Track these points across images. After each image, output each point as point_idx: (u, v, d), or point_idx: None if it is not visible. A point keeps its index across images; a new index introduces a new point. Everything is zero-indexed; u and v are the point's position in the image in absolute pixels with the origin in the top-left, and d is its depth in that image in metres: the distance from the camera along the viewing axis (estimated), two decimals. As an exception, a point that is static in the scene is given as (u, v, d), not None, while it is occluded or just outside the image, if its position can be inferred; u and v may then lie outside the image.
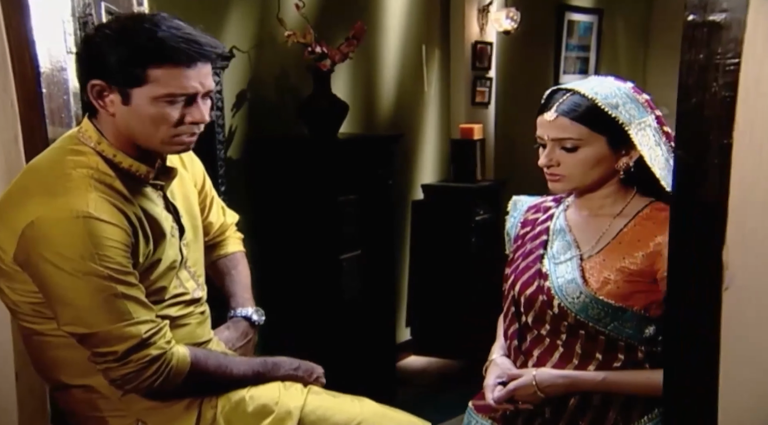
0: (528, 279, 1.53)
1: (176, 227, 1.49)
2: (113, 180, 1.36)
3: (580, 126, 1.42)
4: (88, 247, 1.28)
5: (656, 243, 1.41)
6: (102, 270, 1.28)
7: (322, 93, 3.01)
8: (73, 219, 1.27)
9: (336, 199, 2.97)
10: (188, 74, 1.31)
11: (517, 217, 1.72)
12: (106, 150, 1.37)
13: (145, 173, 1.42)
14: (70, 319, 1.31)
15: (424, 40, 3.85)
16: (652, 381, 1.39)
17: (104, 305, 1.30)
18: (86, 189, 1.31)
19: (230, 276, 1.78)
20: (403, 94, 3.75)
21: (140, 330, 1.32)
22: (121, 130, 1.37)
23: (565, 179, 1.47)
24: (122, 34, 1.31)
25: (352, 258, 3.03)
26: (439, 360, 3.79)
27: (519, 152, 4.54)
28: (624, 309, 1.42)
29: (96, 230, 1.28)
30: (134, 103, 1.32)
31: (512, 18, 4.03)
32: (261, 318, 1.76)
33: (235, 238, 1.85)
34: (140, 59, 1.30)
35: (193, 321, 1.53)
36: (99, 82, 1.32)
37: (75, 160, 1.35)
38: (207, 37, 1.35)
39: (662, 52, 5.75)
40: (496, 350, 1.63)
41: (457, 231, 3.72)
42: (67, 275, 1.28)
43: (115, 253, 1.30)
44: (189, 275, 1.54)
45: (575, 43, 5.01)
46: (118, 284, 1.31)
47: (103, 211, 1.30)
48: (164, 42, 1.29)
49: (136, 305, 1.33)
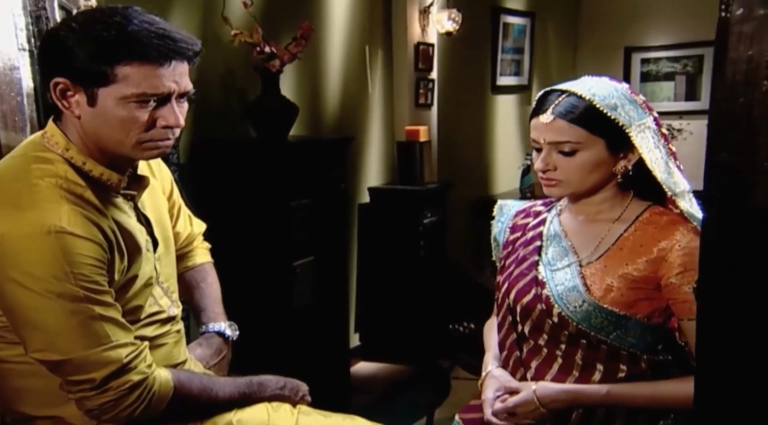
0: (524, 287, 1.48)
1: (150, 240, 1.38)
2: (84, 190, 1.23)
3: (578, 128, 1.37)
4: (61, 265, 1.15)
5: (660, 249, 1.37)
6: (77, 290, 1.16)
7: (272, 94, 2.90)
8: (45, 234, 1.15)
9: (288, 204, 2.86)
10: (161, 73, 1.20)
11: (504, 222, 1.66)
12: (75, 157, 1.25)
13: (117, 182, 1.30)
14: (41, 345, 1.18)
15: (367, 41, 3.79)
16: (658, 394, 1.37)
17: (80, 328, 1.18)
18: (57, 201, 1.19)
19: (199, 290, 1.67)
20: (347, 96, 3.68)
21: (120, 355, 1.21)
22: (88, 134, 1.24)
23: (562, 184, 1.42)
24: (89, 28, 1.19)
25: (305, 265, 2.94)
26: (389, 365, 3.74)
27: (460, 154, 4.55)
28: (628, 317, 1.38)
29: (70, 246, 1.16)
30: (101, 104, 1.20)
31: (454, 19, 4.01)
32: (235, 333, 1.66)
33: (203, 249, 1.74)
34: (107, 55, 1.18)
35: (170, 341, 1.42)
36: (63, 81, 1.20)
37: (41, 168, 1.22)
38: (183, 34, 1.25)
39: (590, 54, 5.89)
40: (490, 362, 1.57)
41: (405, 235, 3.68)
42: (38, 296, 1.15)
43: (91, 271, 1.18)
44: (162, 291, 1.43)
45: (510, 46, 5.06)
46: (95, 305, 1.19)
47: (77, 225, 1.18)
48: (135, 37, 1.18)
49: (114, 327, 1.22)
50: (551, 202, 1.61)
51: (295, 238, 2.90)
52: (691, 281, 1.32)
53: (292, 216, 2.87)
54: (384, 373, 3.66)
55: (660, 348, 1.44)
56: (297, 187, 2.90)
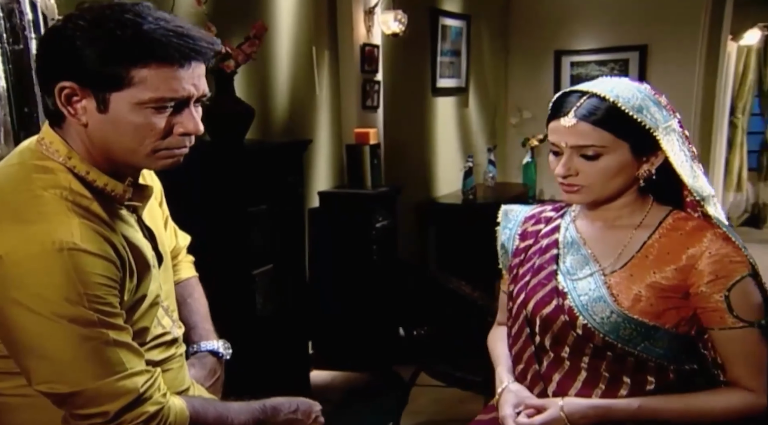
0: (544, 297, 1.42)
1: (155, 255, 1.27)
2: (90, 202, 1.12)
3: (602, 131, 1.31)
4: (75, 286, 1.04)
5: (689, 256, 1.33)
6: (91, 314, 1.05)
7: (227, 96, 2.78)
8: (56, 252, 1.03)
9: (246, 210, 2.75)
10: (180, 75, 1.10)
11: (513, 229, 1.59)
12: (78, 166, 1.13)
13: (122, 193, 1.19)
14: (49, 376, 1.06)
15: (314, 42, 3.70)
16: (692, 408, 1.33)
17: (92, 356, 1.07)
18: (65, 214, 1.07)
19: (187, 306, 1.57)
20: (296, 98, 3.58)
21: (137, 384, 1.10)
22: (94, 143, 1.13)
23: (584, 190, 1.36)
24: (100, 26, 1.07)
25: (264, 273, 2.83)
26: (343, 373, 3.66)
27: (405, 157, 4.52)
28: (657, 327, 1.33)
29: (83, 265, 1.05)
30: (113, 109, 1.09)
31: (400, 20, 3.98)
32: (228, 352, 1.57)
33: (188, 262, 1.64)
34: (122, 56, 1.06)
35: (174, 366, 1.32)
36: (69, 85, 1.08)
37: (43, 178, 1.10)
38: (201, 32, 1.13)
39: (522, 57, 5.99)
40: (505, 376, 1.50)
41: (357, 239, 3.61)
42: (47, 321, 1.03)
43: (106, 292, 1.08)
44: (164, 311, 1.32)
45: (448, 48, 5.07)
46: (109, 329, 1.08)
47: (90, 241, 1.07)
48: (152, 36, 1.07)
49: (128, 352, 1.11)
50: (562, 207, 1.56)
51: (254, 246, 2.79)
52: (722, 289, 1.30)
53: (250, 223, 2.76)
54: (339, 381, 3.58)
55: (685, 358, 1.40)
56: (254, 193, 2.80)
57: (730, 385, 1.36)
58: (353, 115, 3.89)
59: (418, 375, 2.92)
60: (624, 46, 5.59)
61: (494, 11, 5.81)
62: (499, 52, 5.94)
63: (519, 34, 5.98)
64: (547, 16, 5.83)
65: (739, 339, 1.32)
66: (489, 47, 5.73)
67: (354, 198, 3.65)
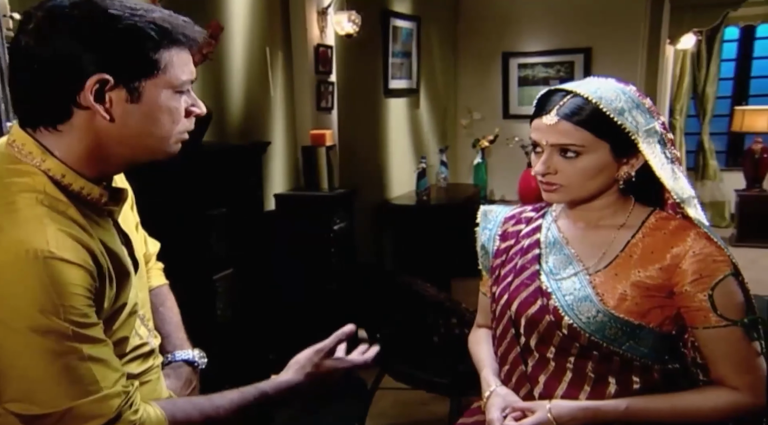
0: (528, 297, 1.42)
1: (131, 262, 1.21)
2: (67, 207, 1.06)
3: (584, 131, 1.32)
4: (50, 297, 0.98)
5: (673, 255, 1.33)
6: (65, 326, 0.99)
7: (184, 97, 2.71)
8: (30, 260, 0.97)
9: (205, 214, 2.69)
10: (189, 58, 1.12)
11: (493, 229, 1.58)
12: (53, 169, 1.07)
13: (98, 197, 1.13)
14: (18, 395, 0.99)
15: (268, 43, 3.64)
16: (680, 407, 1.34)
17: (65, 374, 1.00)
18: (40, 220, 1.01)
19: (159, 314, 1.51)
20: (250, 100, 3.52)
21: (111, 407, 1.04)
22: (106, 141, 1.09)
23: (562, 189, 1.37)
24: (113, 17, 1.04)
25: (225, 278, 2.77)
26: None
27: (360, 158, 4.50)
28: (642, 326, 1.34)
29: (60, 274, 0.99)
30: (146, 97, 1.07)
31: (354, 21, 3.96)
32: (203, 360, 1.52)
33: (158, 270, 1.59)
34: (151, 41, 1.05)
35: (153, 377, 1.27)
36: (105, 77, 1.03)
37: (17, 182, 1.04)
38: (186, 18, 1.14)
39: (470, 59, 6.05)
40: (491, 379, 1.48)
41: (315, 242, 3.56)
42: (18, 335, 0.97)
43: (82, 303, 1.02)
44: (140, 320, 1.27)
45: (399, 49, 5.07)
46: (84, 343, 1.02)
47: (66, 249, 1.01)
48: (167, 21, 1.08)
49: (104, 368, 1.04)
50: (542, 208, 1.56)
51: (214, 250, 2.73)
52: (706, 288, 1.30)
53: (209, 227, 2.70)
54: (299, 386, 3.53)
55: (668, 357, 1.41)
56: (213, 196, 2.73)
57: (714, 384, 1.37)
58: (308, 117, 3.85)
59: (382, 377, 2.90)
60: (569, 49, 5.71)
61: (443, 13, 5.85)
62: (449, 53, 5.98)
63: (467, 36, 6.04)
64: (495, 18, 5.90)
65: (723, 337, 1.33)
66: (439, 49, 5.76)
67: (311, 200, 3.61)
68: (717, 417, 1.35)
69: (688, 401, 1.36)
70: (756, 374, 1.34)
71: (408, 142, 5.30)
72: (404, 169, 5.14)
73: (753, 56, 7.04)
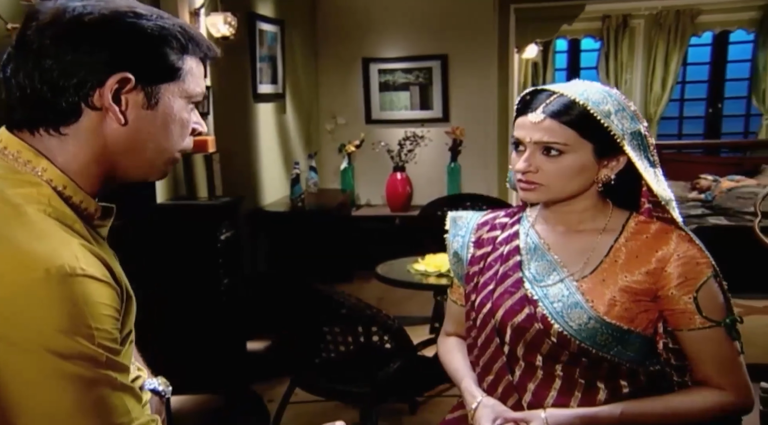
0: (513, 306, 1.39)
1: None
2: (74, 221, 0.95)
3: (568, 130, 1.31)
4: (83, 320, 0.86)
5: (658, 259, 1.34)
6: (99, 353, 0.87)
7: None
8: (59, 278, 0.85)
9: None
10: (203, 73, 1.05)
11: (466, 236, 1.55)
12: (55, 179, 0.95)
13: (93, 212, 1.02)
14: None
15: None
16: (672, 409, 1.36)
17: (98, 406, 0.88)
18: (61, 234, 0.90)
19: None
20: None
21: None
22: (113, 148, 0.98)
23: (542, 188, 1.36)
24: (141, 16, 0.97)
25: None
26: (192, 396, 3.41)
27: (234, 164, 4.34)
28: (630, 331, 1.35)
29: (90, 294, 0.87)
30: (162, 103, 0.99)
31: (230, 23, 3.83)
32: (169, 389, 1.39)
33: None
34: (177, 45, 0.98)
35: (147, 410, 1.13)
36: (127, 76, 0.94)
37: (23, 193, 0.92)
38: None
39: (331, 63, 6.04)
40: (475, 390, 1.44)
41: (201, 253, 3.39)
42: (47, 366, 0.84)
43: (112, 325, 0.91)
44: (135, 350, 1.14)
45: (266, 53, 4.96)
46: (116, 371, 0.91)
47: (91, 265, 0.89)
48: (191, 29, 1.02)
49: (131, 398, 0.94)
50: (515, 213, 1.54)
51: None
52: (691, 291, 1.32)
53: (105, 242, 2.47)
54: (191, 405, 3.33)
55: (650, 360, 1.43)
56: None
57: (700, 385, 1.39)
58: (186, 122, 3.65)
59: (293, 390, 2.81)
60: (427, 55, 5.88)
61: (303, 17, 5.80)
62: (310, 58, 5.94)
63: (328, 40, 6.03)
64: (353, 24, 5.94)
65: (708, 338, 1.34)
66: (301, 53, 5.71)
67: (195, 209, 3.44)
68: (706, 418, 1.38)
69: (679, 402, 1.38)
70: (739, 373, 1.37)
71: (278, 147, 5.19)
72: (276, 175, 5.03)
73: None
